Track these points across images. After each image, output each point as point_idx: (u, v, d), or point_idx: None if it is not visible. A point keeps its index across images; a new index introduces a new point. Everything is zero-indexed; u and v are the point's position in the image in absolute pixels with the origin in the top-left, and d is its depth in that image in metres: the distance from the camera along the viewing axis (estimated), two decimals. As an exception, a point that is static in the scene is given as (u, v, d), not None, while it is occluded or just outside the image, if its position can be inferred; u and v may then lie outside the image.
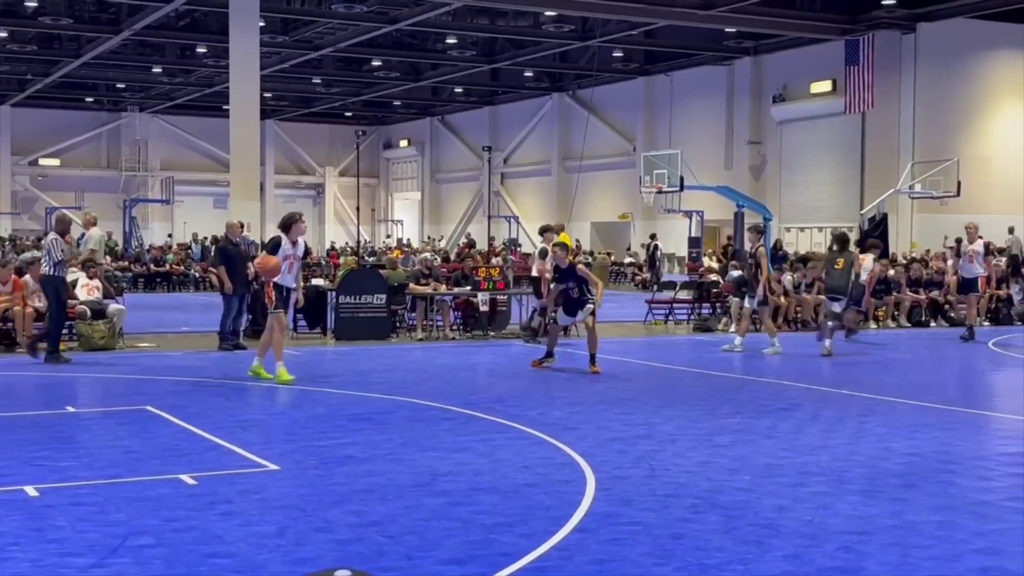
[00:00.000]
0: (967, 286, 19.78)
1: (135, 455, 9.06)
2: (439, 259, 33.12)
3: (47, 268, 15.91)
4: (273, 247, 13.77)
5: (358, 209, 37.45)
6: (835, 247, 18.90)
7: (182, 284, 37.64)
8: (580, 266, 15.62)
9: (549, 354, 15.51)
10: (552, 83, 55.18)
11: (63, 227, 16.22)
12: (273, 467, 8.56)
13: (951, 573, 5.99)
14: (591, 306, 15.06)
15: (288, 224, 13.91)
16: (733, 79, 46.88)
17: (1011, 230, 35.70)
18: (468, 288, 20.22)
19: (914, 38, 38.80)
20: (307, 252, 14.24)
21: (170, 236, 56.94)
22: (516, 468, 8.56)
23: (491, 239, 46.84)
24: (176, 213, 62.88)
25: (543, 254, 19.24)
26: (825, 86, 42.48)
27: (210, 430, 10.14)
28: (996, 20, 38.27)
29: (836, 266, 18.16)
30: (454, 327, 20.39)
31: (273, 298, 13.73)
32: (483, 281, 20.20)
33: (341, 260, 39.71)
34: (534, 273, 19.89)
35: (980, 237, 20.46)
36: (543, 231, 20.40)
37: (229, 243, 18.09)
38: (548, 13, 38.65)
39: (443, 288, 20.52)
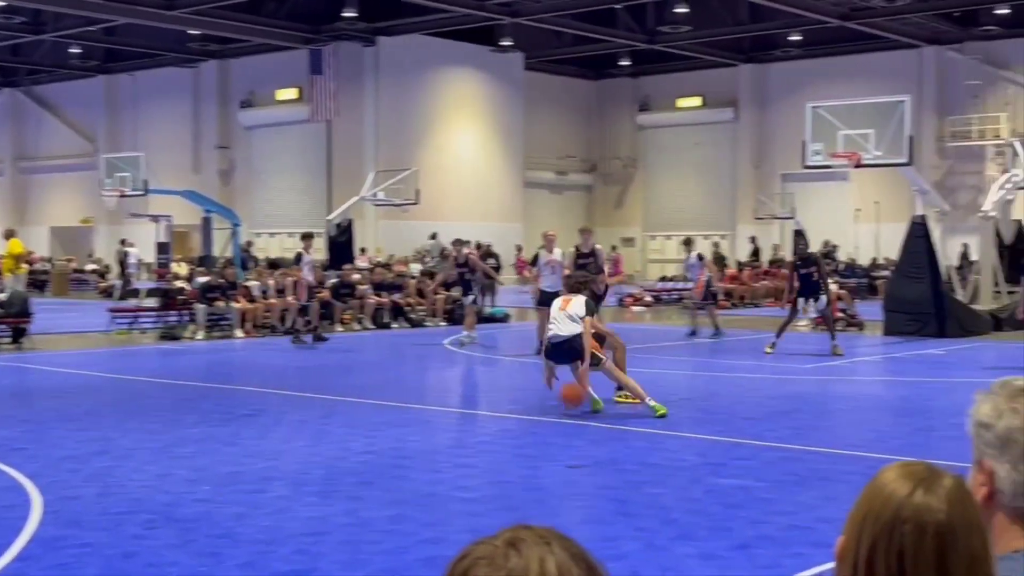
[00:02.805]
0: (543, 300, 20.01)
1: None
2: None
3: None
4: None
5: None
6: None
7: None
8: None
9: None
10: (4, 77, 51.33)
11: None
12: None
13: (400, 565, 6.27)
14: None
15: None
16: (199, 82, 46.27)
17: (433, 235, 38.31)
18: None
19: (375, 51, 40.44)
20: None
21: None
22: (-50, 497, 7.83)
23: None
24: None
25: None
26: (291, 93, 43.12)
27: None
28: (451, 39, 40.87)
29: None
30: None
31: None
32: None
33: None
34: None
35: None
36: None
37: None
38: (-4, 2, 35.93)
39: None
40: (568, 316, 11.68)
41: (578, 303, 11.83)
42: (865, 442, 10.20)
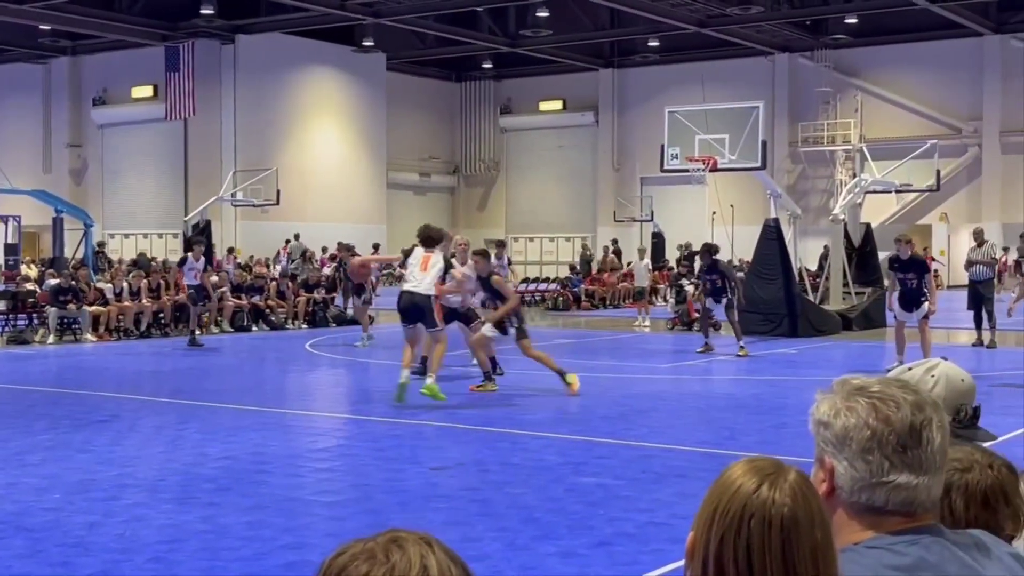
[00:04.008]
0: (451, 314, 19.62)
1: None
2: None
3: None
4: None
5: None
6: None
7: None
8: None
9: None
10: None
11: None
12: None
13: (259, 571, 6.18)
14: None
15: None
16: (50, 78, 44.86)
17: (296, 236, 38.01)
18: None
19: (233, 49, 39.76)
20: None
21: None
22: None
23: None
24: None
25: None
26: (147, 91, 42.11)
27: None
28: (312, 38, 40.42)
29: None
30: None
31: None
32: None
33: None
34: None
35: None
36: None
37: None
38: None
39: None
40: (427, 275, 11.73)
41: (437, 261, 11.90)
42: (720, 439, 10.45)
